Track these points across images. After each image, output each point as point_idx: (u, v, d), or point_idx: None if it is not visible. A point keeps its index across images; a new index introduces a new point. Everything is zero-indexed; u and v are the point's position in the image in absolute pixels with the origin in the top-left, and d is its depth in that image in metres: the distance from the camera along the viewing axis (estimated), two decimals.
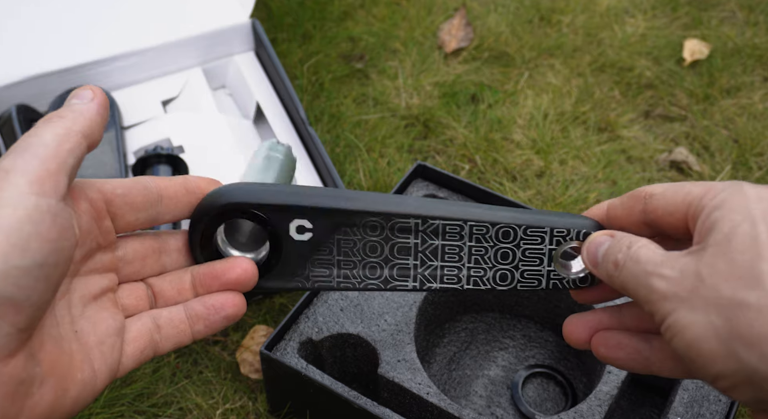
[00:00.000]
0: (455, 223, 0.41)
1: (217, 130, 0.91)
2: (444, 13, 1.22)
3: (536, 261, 0.42)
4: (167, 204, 0.39)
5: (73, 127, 0.34)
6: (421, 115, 1.06)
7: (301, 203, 0.39)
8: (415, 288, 0.41)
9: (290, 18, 1.19)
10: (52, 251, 0.31)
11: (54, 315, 0.35)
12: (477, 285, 0.42)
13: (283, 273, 0.40)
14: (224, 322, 0.40)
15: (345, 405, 0.64)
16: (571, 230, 0.41)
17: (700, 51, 1.15)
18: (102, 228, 0.37)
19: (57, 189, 0.32)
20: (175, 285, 0.40)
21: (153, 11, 0.97)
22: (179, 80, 0.97)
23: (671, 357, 0.38)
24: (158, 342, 0.39)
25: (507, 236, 0.41)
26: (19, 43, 0.92)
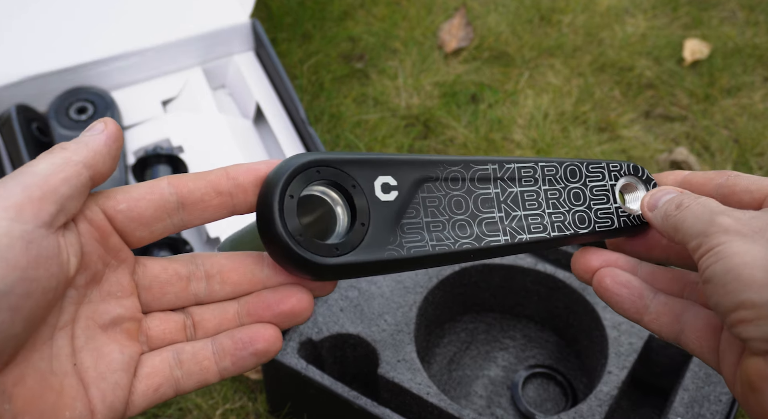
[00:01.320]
0: (528, 165, 0.41)
1: (217, 130, 0.91)
2: (444, 13, 1.22)
3: (604, 199, 0.42)
4: (192, 210, 0.35)
5: (73, 157, 0.32)
6: (421, 114, 1.05)
7: (385, 156, 0.37)
8: (507, 242, 0.40)
9: (290, 18, 1.18)
10: (20, 280, 0.29)
11: (50, 347, 0.32)
12: (561, 230, 0.41)
13: (374, 244, 0.36)
14: (254, 360, 0.35)
15: (345, 405, 0.64)
16: (622, 164, 0.43)
17: (701, 51, 1.15)
18: (108, 246, 0.34)
19: (38, 216, 0.30)
20: (217, 315, 0.36)
21: (153, 11, 0.97)
22: (179, 80, 0.97)
23: (669, 312, 0.39)
24: (179, 379, 0.35)
25: (574, 175, 0.42)
26: (19, 43, 0.92)
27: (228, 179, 0.35)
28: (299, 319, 0.36)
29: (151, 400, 0.35)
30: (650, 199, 0.40)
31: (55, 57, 0.91)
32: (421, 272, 0.74)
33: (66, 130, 0.86)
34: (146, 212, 0.34)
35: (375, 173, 0.37)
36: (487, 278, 0.76)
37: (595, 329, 0.72)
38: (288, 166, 0.35)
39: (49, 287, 0.30)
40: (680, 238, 0.36)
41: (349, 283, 0.73)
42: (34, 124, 0.87)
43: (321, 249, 0.34)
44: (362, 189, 0.36)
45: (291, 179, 0.34)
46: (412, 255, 0.37)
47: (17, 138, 0.83)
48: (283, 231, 0.34)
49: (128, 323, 0.35)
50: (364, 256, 0.35)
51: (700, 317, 0.38)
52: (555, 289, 0.74)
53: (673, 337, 0.39)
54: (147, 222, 0.35)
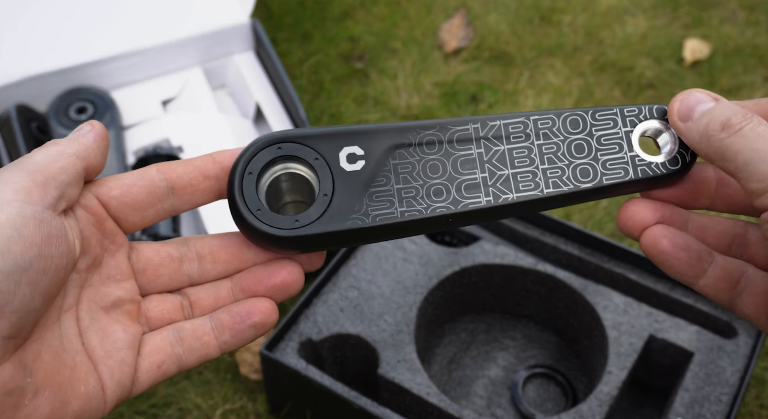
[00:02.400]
0: (517, 122, 0.37)
1: (217, 129, 0.91)
2: (444, 13, 1.22)
3: (615, 148, 0.37)
4: (181, 194, 0.37)
5: (66, 150, 0.34)
6: (421, 114, 1.05)
7: (353, 128, 0.36)
8: (489, 203, 0.37)
9: (290, 18, 1.18)
10: (37, 256, 0.31)
11: (59, 327, 0.34)
12: (558, 186, 0.37)
13: (337, 214, 0.35)
14: (252, 331, 0.37)
15: (345, 406, 0.64)
16: (643, 108, 0.38)
17: (701, 51, 1.15)
18: (105, 231, 0.36)
19: (44, 198, 0.32)
20: (212, 294, 0.38)
21: (153, 11, 0.97)
22: (179, 80, 0.97)
23: (728, 277, 0.37)
24: (181, 356, 0.36)
25: (576, 125, 0.38)
26: (19, 43, 0.92)
27: (214, 163, 0.37)
28: (291, 291, 0.37)
29: (155, 377, 0.36)
30: (681, 105, 0.35)
31: (55, 57, 0.91)
32: (421, 272, 0.74)
33: (66, 130, 0.86)
34: (138, 197, 0.36)
35: (340, 144, 0.36)
36: (487, 278, 0.76)
37: (595, 329, 0.72)
38: (250, 145, 0.36)
39: (61, 265, 0.32)
40: (730, 169, 0.32)
41: (350, 283, 0.73)
42: (34, 123, 0.87)
43: (281, 221, 0.35)
44: (325, 160, 0.36)
45: (251, 157, 0.36)
46: (377, 224, 0.36)
47: (17, 138, 0.83)
48: (242, 207, 0.35)
49: (128, 305, 0.36)
50: (325, 227, 0.35)
51: (759, 282, 0.36)
52: (555, 289, 0.74)
53: (726, 302, 0.37)
54: (139, 207, 0.36)
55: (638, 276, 0.74)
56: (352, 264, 0.75)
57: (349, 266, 0.75)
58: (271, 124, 0.94)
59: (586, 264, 0.76)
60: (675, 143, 0.37)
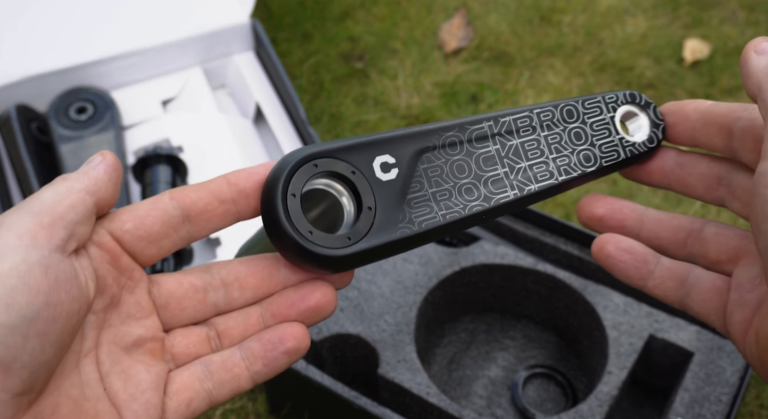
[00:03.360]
0: (524, 115, 0.40)
1: (217, 130, 0.91)
2: (444, 13, 1.22)
3: (606, 133, 0.42)
4: (197, 221, 0.35)
5: (75, 185, 0.32)
6: (421, 114, 1.05)
7: (379, 136, 0.36)
8: (516, 196, 0.39)
9: (290, 18, 1.18)
10: (45, 305, 0.29)
11: (78, 373, 0.32)
12: (568, 173, 0.40)
13: (385, 226, 0.35)
14: (286, 358, 0.35)
15: (345, 405, 0.64)
16: (618, 95, 0.42)
17: (701, 51, 1.15)
18: (121, 267, 0.34)
19: (51, 241, 0.30)
20: (241, 322, 0.35)
21: (153, 11, 0.97)
22: (179, 80, 0.97)
23: (674, 277, 0.38)
24: (211, 391, 0.34)
25: (571, 115, 0.41)
26: (19, 43, 0.92)
27: (229, 186, 0.35)
28: (325, 313, 0.36)
29: (184, 415, 0.34)
30: (763, 43, 0.35)
31: (55, 57, 0.91)
32: (421, 272, 0.74)
33: (66, 130, 0.86)
34: (153, 228, 0.34)
35: (372, 155, 0.36)
36: (487, 278, 0.76)
37: (595, 329, 0.72)
38: (285, 164, 0.34)
39: (73, 311, 0.30)
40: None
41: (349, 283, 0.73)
42: (34, 123, 0.87)
43: (333, 241, 0.34)
44: (362, 173, 0.36)
45: (290, 177, 0.34)
46: (424, 229, 0.36)
47: (17, 138, 0.83)
48: (292, 232, 0.33)
49: (151, 343, 0.34)
50: (377, 240, 0.35)
51: (705, 279, 0.38)
52: (555, 289, 0.74)
53: (677, 301, 0.38)
54: (155, 239, 0.34)
55: None
56: None
57: None
58: (271, 124, 0.94)
59: (586, 264, 0.76)
60: (647, 124, 0.42)
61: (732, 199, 0.39)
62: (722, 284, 0.37)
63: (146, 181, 0.83)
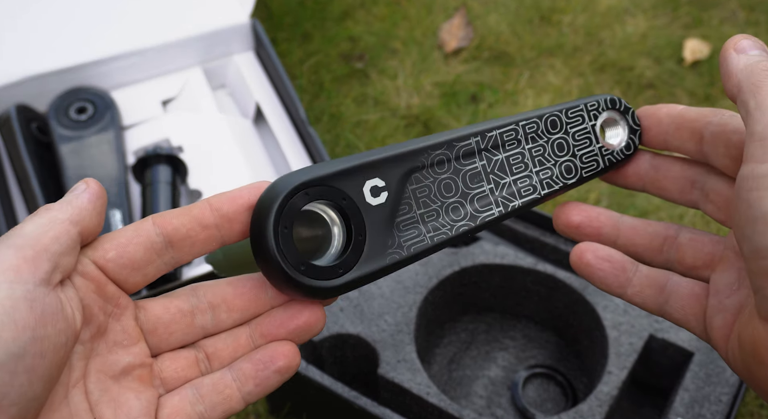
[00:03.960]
0: (510, 128, 0.40)
1: (217, 130, 0.91)
2: (444, 13, 1.22)
3: (587, 142, 0.41)
4: (180, 247, 0.34)
5: (59, 216, 0.32)
6: (421, 114, 1.05)
7: (368, 159, 0.36)
8: (501, 213, 0.39)
9: (290, 18, 1.18)
10: (32, 340, 0.29)
11: (67, 405, 0.32)
12: (550, 186, 0.40)
13: (374, 253, 0.36)
14: (277, 377, 0.35)
15: (345, 405, 0.64)
16: (599, 101, 0.42)
17: (701, 51, 1.15)
18: (107, 296, 0.34)
19: (36, 274, 0.30)
20: (230, 343, 0.35)
21: (153, 11, 0.97)
22: (179, 80, 0.97)
23: (653, 284, 0.38)
24: (203, 414, 0.34)
25: (555, 125, 0.41)
26: (19, 43, 0.92)
27: (212, 211, 0.34)
28: (314, 332, 0.36)
29: None
30: (743, 41, 0.35)
31: (55, 57, 0.91)
32: (421, 272, 0.74)
33: (66, 130, 0.86)
34: (136, 255, 0.34)
35: (362, 179, 0.36)
36: (487, 278, 0.76)
37: (595, 329, 0.72)
38: (277, 194, 0.34)
39: (60, 343, 0.30)
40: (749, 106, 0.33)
41: None
42: (34, 123, 0.87)
43: (325, 273, 0.34)
44: (353, 199, 0.35)
45: (281, 210, 0.33)
46: (413, 253, 0.37)
47: (17, 138, 0.83)
48: (284, 266, 0.33)
49: (139, 370, 0.34)
50: (367, 269, 0.35)
51: (684, 286, 0.38)
52: (555, 289, 0.74)
53: (656, 309, 0.38)
54: (138, 266, 0.34)
55: None
56: None
57: None
58: (271, 124, 0.94)
59: None
60: (625, 130, 0.42)
61: (705, 201, 0.39)
62: (700, 290, 0.37)
63: (146, 181, 0.83)
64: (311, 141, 0.89)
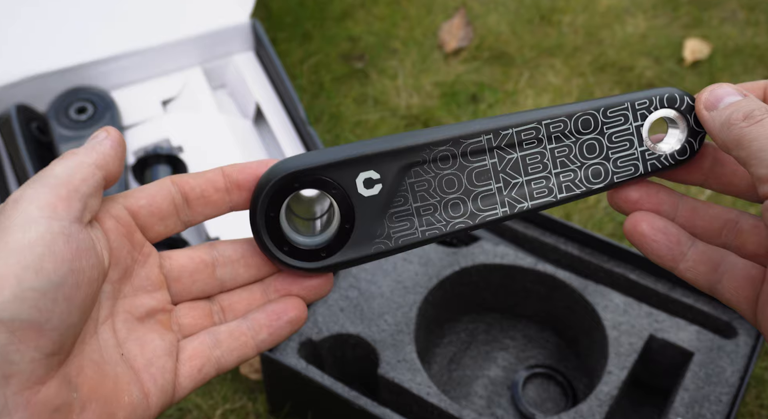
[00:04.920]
0: (529, 127, 0.37)
1: (217, 130, 0.91)
2: (444, 13, 1.22)
3: (626, 145, 0.38)
4: (195, 206, 0.38)
5: (85, 160, 0.34)
6: (421, 114, 1.05)
7: (364, 152, 0.36)
8: (505, 214, 0.37)
9: (290, 18, 1.18)
10: (70, 271, 0.31)
11: (97, 339, 0.34)
12: (570, 190, 0.37)
13: (361, 241, 0.36)
14: (289, 327, 0.38)
15: (345, 405, 0.64)
16: (653, 98, 0.38)
17: (701, 51, 1.15)
18: (134, 242, 0.36)
19: (70, 212, 0.32)
20: (245, 297, 0.39)
21: (153, 11, 0.97)
22: (179, 80, 0.97)
23: (708, 261, 0.38)
24: (219, 358, 0.37)
25: (587, 125, 0.37)
26: (19, 43, 0.92)
27: (224, 177, 0.38)
28: (322, 293, 0.39)
29: (196, 380, 0.37)
30: (709, 95, 0.36)
31: (55, 57, 0.91)
32: (421, 272, 0.74)
33: (66, 130, 0.86)
34: (162, 205, 0.37)
35: (356, 171, 0.36)
36: (487, 278, 0.76)
37: (595, 329, 0.72)
38: (268, 181, 0.36)
39: (93, 277, 0.33)
40: (742, 157, 0.33)
41: (349, 283, 0.73)
42: (34, 123, 0.87)
43: (308, 256, 0.37)
44: (344, 189, 0.36)
45: (269, 200, 0.36)
46: (400, 245, 0.37)
47: (17, 138, 0.83)
48: (270, 247, 0.37)
49: (161, 314, 0.37)
50: (350, 255, 0.37)
51: (739, 267, 0.37)
52: (555, 289, 0.74)
53: (707, 287, 0.38)
54: (164, 216, 0.37)
55: (638, 276, 0.74)
56: None
57: None
58: (271, 124, 0.94)
59: (586, 264, 0.76)
60: (684, 132, 0.37)
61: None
62: (757, 273, 0.37)
63: (146, 181, 0.83)
64: (311, 141, 0.89)
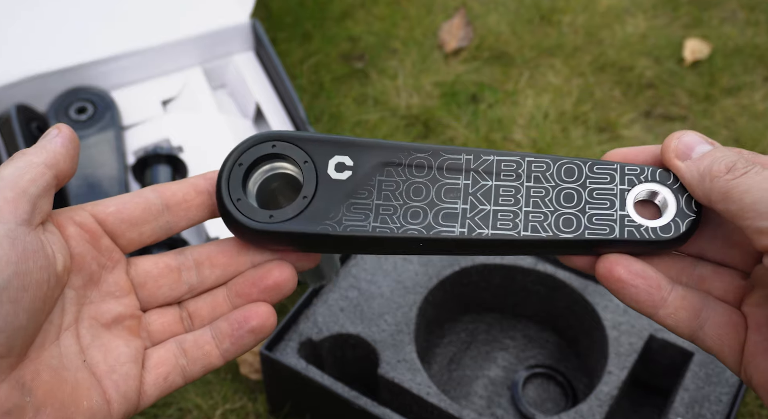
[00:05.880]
0: (511, 160, 0.37)
1: (217, 130, 0.91)
2: (444, 13, 1.22)
3: (606, 204, 0.36)
4: (176, 211, 0.37)
5: (35, 160, 0.34)
6: (421, 114, 1.05)
7: (346, 139, 0.37)
8: (462, 234, 0.36)
9: (290, 18, 1.18)
10: (15, 274, 0.31)
11: (58, 345, 0.34)
12: (536, 231, 0.36)
13: (311, 217, 0.36)
14: (251, 336, 0.37)
15: (345, 405, 0.64)
16: (646, 169, 0.36)
17: (701, 51, 1.15)
18: (101, 248, 0.36)
19: (17, 214, 0.32)
20: (209, 302, 0.38)
21: (153, 11, 0.97)
22: (179, 80, 0.97)
23: (689, 307, 0.35)
24: (185, 367, 0.37)
25: (571, 174, 0.37)
26: (19, 43, 0.92)
27: (205, 180, 0.38)
28: (285, 291, 0.38)
29: (161, 389, 0.36)
30: (679, 143, 0.35)
31: (55, 57, 0.91)
32: (421, 272, 0.74)
33: None
34: (134, 213, 0.37)
35: (331, 152, 0.37)
36: (487, 278, 0.76)
37: (595, 329, 0.72)
38: (245, 140, 0.37)
39: (42, 279, 0.32)
40: (732, 210, 0.32)
41: (350, 283, 0.73)
42: (34, 123, 0.87)
43: (257, 214, 0.37)
44: (314, 164, 0.37)
45: (244, 150, 0.37)
46: (346, 233, 0.36)
47: (17, 138, 0.83)
48: (225, 195, 0.37)
49: (129, 320, 0.37)
50: (296, 227, 0.37)
51: (722, 314, 0.35)
52: (555, 289, 0.74)
53: (688, 334, 0.35)
54: (135, 223, 0.37)
55: None
56: (352, 264, 0.75)
57: (349, 266, 0.75)
58: (271, 124, 0.94)
59: None
60: (670, 213, 0.35)
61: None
62: (738, 319, 0.35)
63: (146, 181, 0.83)
64: None
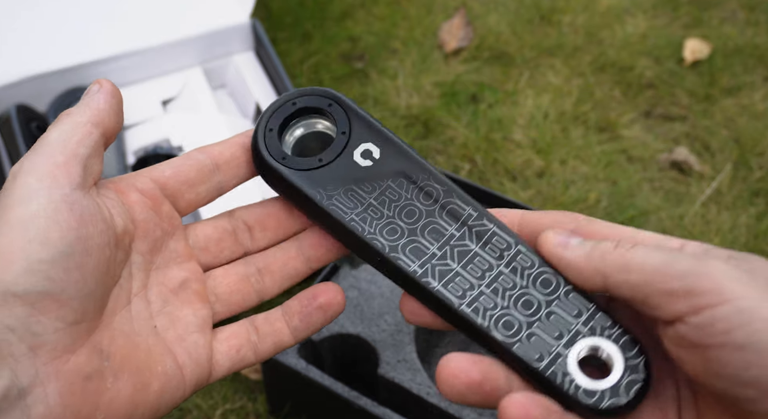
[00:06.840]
0: (506, 238, 0.36)
1: (217, 130, 0.91)
2: (444, 13, 1.22)
3: (556, 334, 0.33)
4: (226, 169, 0.38)
5: (80, 119, 0.34)
6: (421, 114, 1.05)
7: (389, 134, 0.38)
8: (414, 273, 0.35)
9: (290, 18, 1.19)
10: (77, 239, 0.31)
11: (129, 311, 0.34)
12: (476, 312, 0.34)
13: (313, 180, 0.37)
14: (320, 314, 0.37)
15: (345, 405, 0.64)
16: (614, 325, 0.33)
17: (701, 51, 1.15)
18: (162, 214, 0.36)
19: (70, 179, 0.32)
20: (280, 257, 0.38)
21: (153, 11, 0.97)
22: (179, 80, 0.97)
23: None
24: (256, 343, 0.37)
25: (548, 285, 0.34)
26: (19, 43, 0.92)
27: (248, 137, 0.39)
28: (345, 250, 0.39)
29: (234, 361, 0.37)
30: (555, 235, 0.34)
31: (55, 57, 0.91)
32: None
33: None
34: (190, 174, 0.37)
35: (369, 138, 0.38)
36: None
37: None
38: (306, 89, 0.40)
39: (103, 243, 0.32)
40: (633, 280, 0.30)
41: (350, 283, 0.73)
42: (34, 123, 0.87)
43: (277, 151, 0.38)
44: (348, 139, 0.38)
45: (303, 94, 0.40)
46: (327, 210, 0.37)
47: (17, 138, 0.83)
48: (263, 122, 0.38)
49: (195, 284, 0.37)
50: (295, 178, 0.37)
51: None
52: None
53: None
54: (192, 183, 0.37)
55: None
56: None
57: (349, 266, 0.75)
58: None
59: None
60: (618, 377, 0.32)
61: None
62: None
63: None
64: None
